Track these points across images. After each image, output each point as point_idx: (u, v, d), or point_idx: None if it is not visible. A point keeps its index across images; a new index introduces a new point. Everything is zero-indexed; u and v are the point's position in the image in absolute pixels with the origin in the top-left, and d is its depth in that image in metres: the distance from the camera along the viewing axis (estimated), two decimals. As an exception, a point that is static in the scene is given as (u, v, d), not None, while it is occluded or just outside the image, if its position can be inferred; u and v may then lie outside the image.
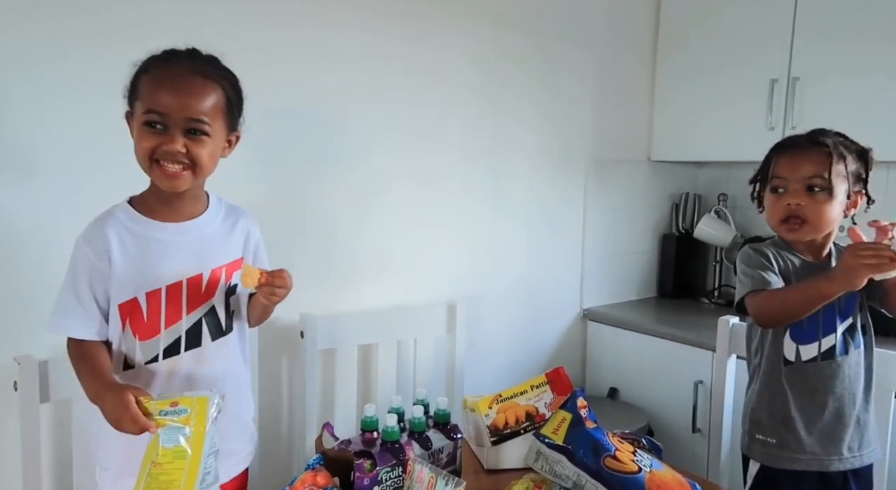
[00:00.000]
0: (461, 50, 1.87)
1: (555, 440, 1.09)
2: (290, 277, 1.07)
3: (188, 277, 1.05)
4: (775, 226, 1.30)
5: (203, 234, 1.08)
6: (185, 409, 0.95)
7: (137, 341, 1.04)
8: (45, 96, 1.28)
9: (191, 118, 1.00)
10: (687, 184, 2.54)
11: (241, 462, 1.19)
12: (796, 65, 1.98)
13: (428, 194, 1.86)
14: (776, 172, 1.27)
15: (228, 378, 1.12)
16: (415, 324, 1.75)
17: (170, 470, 0.93)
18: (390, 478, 1.12)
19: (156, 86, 0.99)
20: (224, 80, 1.05)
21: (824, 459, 1.27)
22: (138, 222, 1.05)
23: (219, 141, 1.06)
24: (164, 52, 1.03)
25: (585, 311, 2.31)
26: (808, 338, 1.27)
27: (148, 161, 1.00)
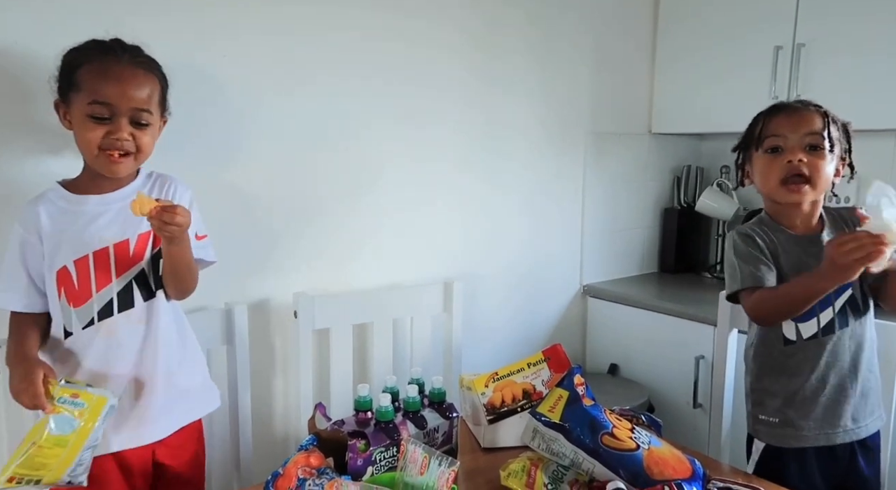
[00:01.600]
0: (456, 23, 1.82)
1: (551, 418, 1.07)
2: (183, 211, 1.06)
3: (114, 243, 1.11)
4: (773, 188, 1.24)
5: (127, 202, 1.09)
6: (82, 403, 1.01)
7: (72, 309, 1.11)
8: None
9: (136, 108, 1.07)
10: (689, 156, 2.50)
11: (184, 415, 1.22)
12: (802, 31, 1.92)
13: (423, 171, 1.82)
14: (772, 131, 1.23)
15: (166, 338, 1.17)
16: (411, 303, 1.72)
17: (47, 455, 0.98)
18: (384, 458, 1.10)
19: (100, 77, 1.05)
20: (157, 71, 1.13)
21: (830, 433, 1.26)
22: (65, 198, 1.12)
23: (157, 127, 1.13)
24: (98, 44, 1.08)
25: (585, 287, 2.28)
26: (807, 316, 1.24)
27: (96, 149, 1.07)
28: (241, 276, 1.51)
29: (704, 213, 2.35)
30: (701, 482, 1.04)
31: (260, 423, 1.54)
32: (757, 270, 1.25)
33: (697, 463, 1.08)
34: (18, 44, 1.21)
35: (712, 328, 1.83)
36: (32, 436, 1.00)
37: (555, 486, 1.06)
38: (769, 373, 1.31)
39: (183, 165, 1.40)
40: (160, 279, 1.16)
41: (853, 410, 1.26)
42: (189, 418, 1.24)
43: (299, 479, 1.05)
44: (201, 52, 1.42)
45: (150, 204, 1.04)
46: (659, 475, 1.02)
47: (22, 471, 0.98)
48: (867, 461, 1.29)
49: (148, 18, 1.33)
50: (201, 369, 1.28)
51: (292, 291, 1.55)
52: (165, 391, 1.18)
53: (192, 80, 1.38)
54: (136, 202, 1.03)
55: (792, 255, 1.25)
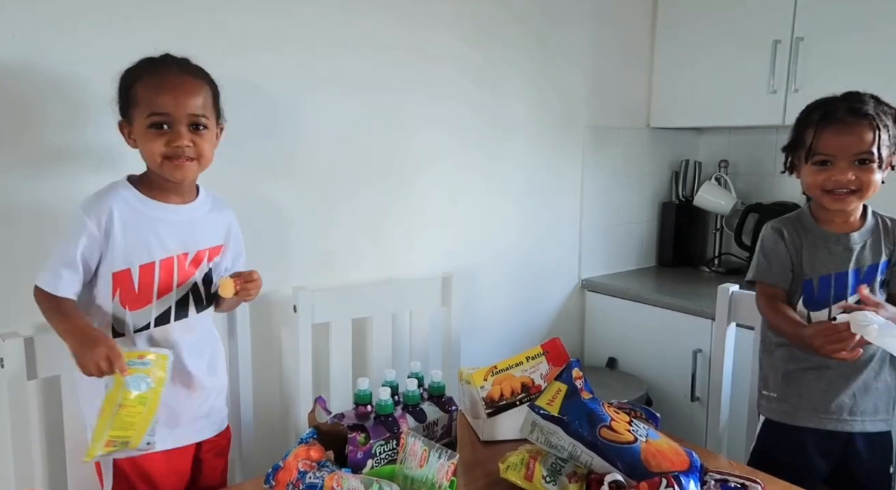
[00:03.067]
0: (454, 16, 1.81)
1: (550, 411, 1.08)
2: (259, 278, 1.21)
3: (178, 254, 1.16)
4: (818, 196, 1.27)
5: (194, 217, 1.19)
6: (149, 362, 1.05)
7: (128, 311, 1.13)
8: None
9: (192, 114, 1.11)
10: (687, 151, 2.50)
11: (221, 421, 1.30)
12: (800, 24, 1.91)
13: (421, 166, 1.82)
14: (822, 148, 1.23)
15: (209, 345, 1.25)
16: (410, 297, 1.72)
17: (132, 413, 1.03)
18: (384, 451, 1.11)
19: (154, 91, 1.09)
20: (207, 77, 1.16)
21: (823, 418, 1.29)
22: (140, 200, 1.13)
23: (214, 132, 1.17)
24: (149, 61, 1.12)
25: (584, 281, 2.29)
26: (819, 304, 1.29)
27: (159, 159, 1.10)
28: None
29: (703, 207, 2.35)
30: (698, 474, 1.05)
31: (260, 416, 1.54)
32: (771, 269, 1.33)
33: (695, 455, 1.09)
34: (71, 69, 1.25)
35: (710, 322, 1.84)
36: (114, 399, 1.02)
37: (553, 479, 1.07)
38: (776, 351, 1.36)
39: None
40: (209, 294, 1.22)
41: (852, 403, 1.28)
42: (223, 425, 1.30)
43: (300, 472, 1.06)
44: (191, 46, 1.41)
45: (231, 283, 1.16)
46: (656, 467, 1.02)
47: (116, 433, 1.03)
48: (870, 450, 1.30)
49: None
50: (225, 377, 1.33)
51: (292, 286, 1.55)
52: (211, 390, 1.25)
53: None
54: (223, 287, 1.16)
55: (813, 252, 1.30)
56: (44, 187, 1.28)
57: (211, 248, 1.21)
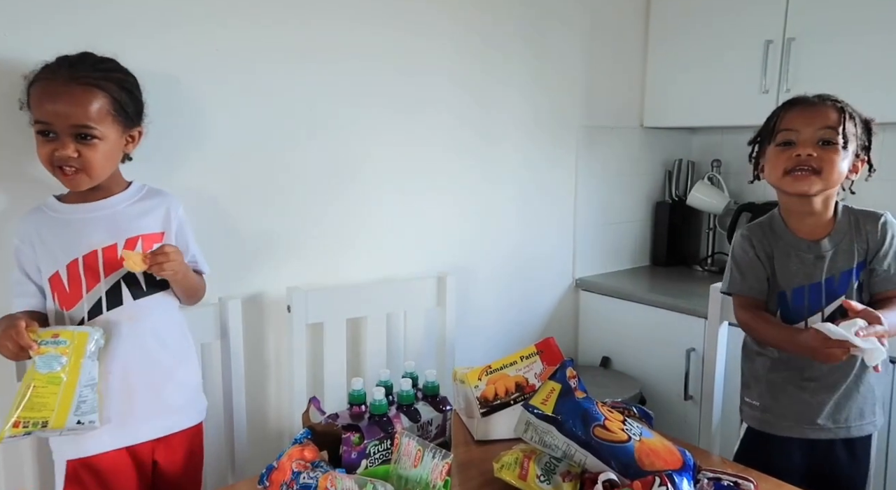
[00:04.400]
0: (449, 13, 1.81)
1: (544, 411, 1.08)
2: (173, 251, 1.13)
3: (103, 247, 1.14)
4: (778, 178, 1.24)
5: (116, 210, 1.17)
6: (64, 340, 1.05)
7: (64, 312, 1.14)
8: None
9: (75, 125, 1.07)
10: (680, 150, 2.51)
11: (182, 418, 1.25)
12: (792, 25, 1.93)
13: (416, 165, 1.82)
14: (786, 125, 1.22)
15: (160, 336, 1.20)
16: (404, 297, 1.72)
17: (43, 393, 1.02)
18: (378, 451, 1.11)
19: (40, 97, 1.08)
20: (108, 83, 1.10)
21: (805, 427, 1.29)
22: (55, 209, 1.16)
23: (113, 141, 1.13)
24: (48, 64, 1.10)
25: (578, 280, 2.29)
26: (795, 316, 1.27)
27: (49, 166, 1.10)
28: (234, 270, 1.50)
29: (696, 206, 2.36)
30: (691, 473, 1.05)
31: (254, 416, 1.54)
32: (744, 280, 1.32)
33: (688, 454, 1.09)
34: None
35: (703, 321, 1.84)
36: (25, 381, 1.03)
37: (547, 478, 1.07)
38: (756, 360, 1.35)
39: (176, 163, 1.41)
40: (152, 281, 1.18)
41: (833, 411, 1.27)
42: (186, 422, 1.25)
43: (294, 473, 1.05)
44: (184, 51, 1.41)
45: (139, 257, 1.11)
46: (650, 466, 1.02)
47: (26, 414, 1.01)
48: (850, 457, 1.30)
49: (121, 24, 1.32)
50: (196, 371, 1.29)
51: (286, 286, 1.55)
52: (161, 389, 1.20)
53: (174, 80, 1.38)
54: (127, 261, 1.10)
55: (785, 262, 1.27)
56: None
57: (145, 235, 1.17)
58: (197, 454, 1.28)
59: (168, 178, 1.35)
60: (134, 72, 1.17)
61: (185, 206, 1.26)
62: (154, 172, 1.31)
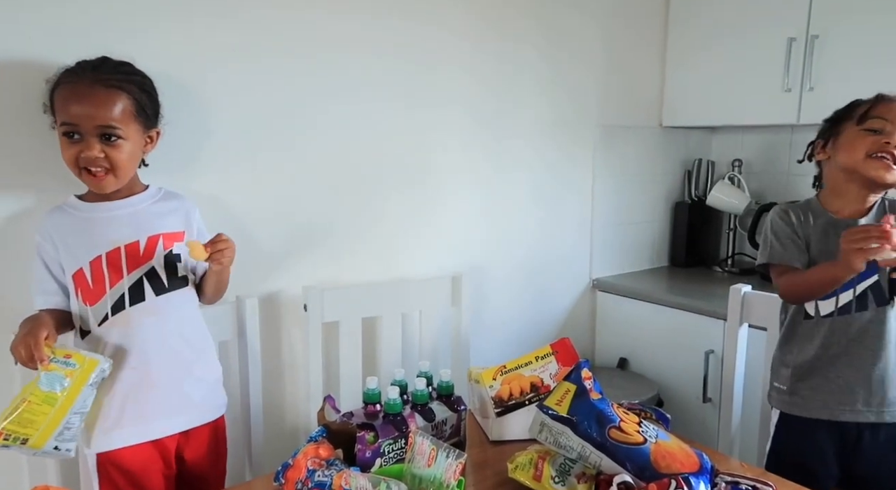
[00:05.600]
0: (469, 10, 1.81)
1: (559, 411, 1.07)
2: (230, 241, 1.18)
3: (125, 244, 1.17)
4: (858, 160, 1.26)
5: (137, 208, 1.20)
6: (74, 363, 1.06)
7: (88, 308, 1.16)
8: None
9: (101, 125, 1.10)
10: (700, 150, 2.48)
11: (205, 412, 1.27)
12: (815, 22, 1.89)
13: (432, 165, 1.82)
14: (881, 113, 1.24)
15: (181, 332, 1.22)
16: (419, 296, 1.73)
17: (36, 411, 1.03)
18: (392, 450, 1.11)
19: (65, 100, 1.11)
20: (130, 85, 1.14)
21: (835, 409, 1.29)
22: (77, 207, 1.18)
23: (136, 141, 1.16)
24: (70, 68, 1.13)
25: (595, 281, 2.28)
26: (827, 294, 1.28)
27: (75, 168, 1.13)
28: (251, 269, 1.52)
29: (715, 206, 2.33)
30: (709, 476, 1.04)
31: (270, 413, 1.55)
32: (786, 250, 1.32)
33: (705, 457, 1.08)
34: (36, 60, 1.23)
35: (722, 322, 1.82)
36: (23, 393, 1.04)
37: (562, 479, 1.06)
38: (786, 344, 1.37)
39: (196, 166, 1.43)
40: (174, 277, 1.21)
41: (867, 394, 1.28)
42: (207, 416, 1.27)
43: (309, 470, 1.06)
44: (200, 56, 1.42)
45: (201, 245, 1.14)
46: (666, 469, 1.01)
47: (11, 427, 1.02)
48: (879, 447, 1.29)
49: (140, 29, 1.34)
50: (215, 366, 1.31)
51: (302, 285, 1.56)
52: (182, 384, 1.22)
53: (193, 85, 1.40)
54: (193, 250, 1.14)
55: (822, 240, 1.30)
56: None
57: (166, 234, 1.20)
58: (220, 448, 1.31)
59: (184, 180, 1.37)
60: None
61: (202, 207, 1.29)
62: (169, 175, 1.33)
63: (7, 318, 1.16)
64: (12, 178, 1.25)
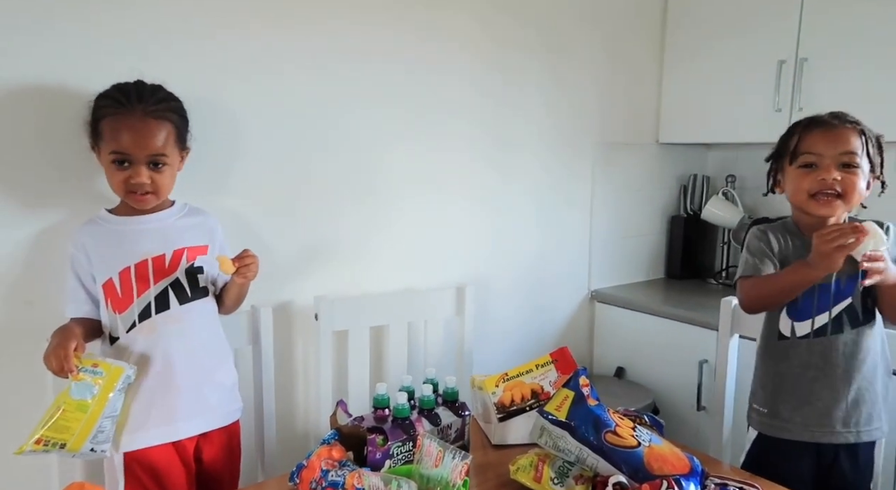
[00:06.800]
0: (466, 32, 1.88)
1: (558, 417, 1.13)
2: (256, 256, 1.28)
3: (152, 256, 1.24)
4: (803, 201, 1.27)
5: (165, 223, 1.28)
6: (101, 371, 1.14)
7: (117, 316, 1.23)
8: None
9: (151, 154, 1.20)
10: (695, 166, 2.55)
11: (222, 416, 1.34)
12: (804, 46, 1.97)
13: (437, 180, 1.88)
14: (808, 148, 1.25)
15: (201, 339, 1.29)
16: (425, 306, 1.79)
17: (70, 418, 1.11)
18: (401, 452, 1.17)
19: (116, 131, 1.18)
20: (171, 114, 1.23)
21: (815, 431, 1.30)
22: (109, 220, 1.26)
23: (175, 164, 1.26)
24: (115, 97, 1.20)
25: (593, 292, 2.34)
26: (803, 315, 1.30)
27: (121, 192, 1.22)
28: (265, 280, 1.55)
29: (710, 221, 2.40)
30: (699, 478, 1.10)
31: (281, 418, 1.61)
32: (760, 263, 1.32)
33: (696, 460, 1.14)
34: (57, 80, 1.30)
35: (715, 333, 1.88)
36: (57, 402, 1.12)
37: (560, 481, 1.12)
38: (763, 364, 1.38)
39: (213, 179, 1.49)
40: (196, 288, 1.29)
41: (844, 415, 1.29)
42: (225, 420, 1.34)
43: (322, 470, 1.12)
44: (220, 72, 1.49)
45: (230, 260, 1.24)
46: (658, 471, 1.07)
47: (49, 433, 1.09)
48: (853, 467, 1.31)
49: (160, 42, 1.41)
50: (232, 372, 1.37)
51: (313, 295, 1.62)
52: (202, 389, 1.29)
53: (214, 100, 1.47)
54: (223, 265, 1.23)
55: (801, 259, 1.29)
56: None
57: (190, 248, 1.28)
58: (235, 451, 1.37)
59: (206, 195, 1.44)
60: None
61: (222, 221, 1.37)
62: (193, 189, 1.38)
63: (41, 325, 1.22)
64: (46, 192, 1.32)
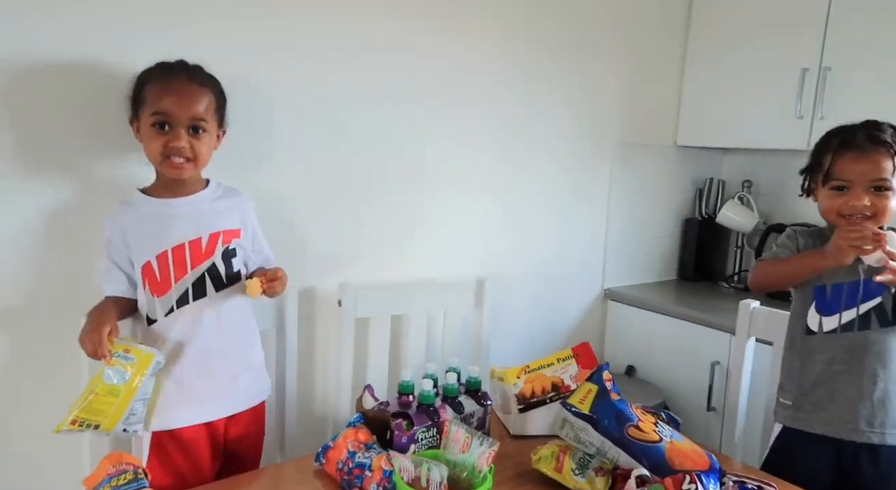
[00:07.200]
0: (492, 31, 1.89)
1: (581, 409, 1.16)
2: (284, 275, 1.30)
3: (189, 241, 1.25)
4: (833, 219, 1.32)
5: (199, 207, 1.28)
6: (133, 357, 1.16)
7: (155, 299, 1.24)
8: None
9: (193, 117, 1.21)
10: (711, 169, 2.57)
11: (250, 397, 1.36)
12: (828, 54, 1.99)
13: (460, 177, 1.91)
14: (839, 173, 1.28)
15: (234, 325, 1.31)
16: (444, 297, 1.81)
17: (102, 402, 1.14)
18: (426, 437, 1.20)
19: (160, 92, 1.20)
20: (213, 86, 1.27)
21: (837, 427, 1.31)
22: (146, 202, 1.27)
23: (213, 136, 1.27)
24: (160, 65, 1.24)
25: (607, 290, 2.36)
26: (831, 310, 1.33)
27: (159, 157, 1.22)
28: (291, 265, 1.57)
29: (725, 225, 2.42)
30: (717, 475, 1.13)
31: (303, 402, 1.63)
32: (781, 253, 1.38)
33: (714, 458, 1.16)
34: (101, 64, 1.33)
35: (728, 335, 1.90)
36: (91, 386, 1.15)
37: (581, 472, 1.14)
38: (790, 359, 1.40)
39: (242, 167, 1.51)
40: (231, 273, 1.29)
41: (869, 414, 1.30)
42: (254, 401, 1.36)
43: (349, 452, 1.15)
44: (254, 62, 1.52)
45: (258, 283, 1.24)
46: (679, 466, 1.10)
47: (83, 415, 1.13)
48: (874, 470, 1.32)
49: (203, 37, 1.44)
50: (260, 354, 1.40)
51: (337, 282, 1.64)
52: (235, 372, 1.31)
53: (241, 87, 1.46)
54: (249, 289, 1.23)
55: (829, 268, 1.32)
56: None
57: (225, 231, 1.28)
58: (260, 430, 1.39)
59: (235, 176, 1.44)
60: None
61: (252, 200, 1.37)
62: (224, 170, 1.39)
63: (82, 303, 1.24)
64: (83, 170, 1.34)
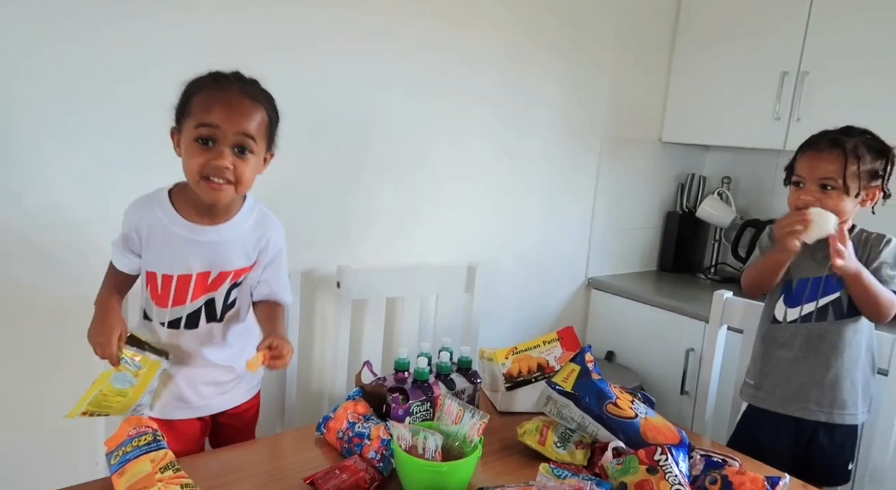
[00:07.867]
0: (492, 28, 1.96)
1: (564, 387, 1.25)
2: (288, 353, 1.17)
3: (198, 272, 1.19)
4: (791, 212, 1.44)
5: (222, 238, 1.19)
6: (141, 365, 1.16)
7: (154, 304, 1.22)
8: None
9: (240, 133, 1.10)
10: (693, 165, 2.67)
11: (243, 394, 1.35)
12: (807, 59, 2.08)
13: (453, 167, 1.98)
14: (797, 170, 1.42)
15: (232, 333, 1.27)
16: (438, 282, 1.89)
17: (110, 401, 1.16)
18: (420, 411, 1.29)
19: (209, 104, 1.09)
20: (267, 103, 1.16)
21: (790, 405, 1.47)
22: (170, 217, 1.17)
23: (260, 159, 1.16)
24: (213, 75, 1.14)
25: (590, 279, 2.46)
26: (794, 302, 1.48)
27: (197, 176, 1.10)
28: (293, 247, 1.64)
29: (704, 219, 2.52)
30: (686, 449, 1.23)
31: (302, 378, 1.71)
32: (758, 256, 1.51)
33: (684, 433, 1.27)
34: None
35: (703, 324, 2.01)
36: (99, 382, 1.15)
37: (563, 445, 1.24)
38: (758, 344, 1.55)
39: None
40: (226, 305, 1.25)
41: (818, 397, 1.45)
42: (247, 396, 1.36)
43: (349, 422, 1.23)
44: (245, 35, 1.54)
45: (259, 361, 1.13)
46: (652, 439, 1.20)
47: (93, 408, 1.17)
48: (830, 445, 1.47)
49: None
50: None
51: (336, 264, 1.72)
52: (227, 383, 1.30)
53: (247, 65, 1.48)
54: (249, 364, 1.12)
55: (801, 256, 1.43)
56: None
57: (236, 270, 1.21)
58: (253, 417, 1.41)
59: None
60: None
61: (258, 189, 1.34)
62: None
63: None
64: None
